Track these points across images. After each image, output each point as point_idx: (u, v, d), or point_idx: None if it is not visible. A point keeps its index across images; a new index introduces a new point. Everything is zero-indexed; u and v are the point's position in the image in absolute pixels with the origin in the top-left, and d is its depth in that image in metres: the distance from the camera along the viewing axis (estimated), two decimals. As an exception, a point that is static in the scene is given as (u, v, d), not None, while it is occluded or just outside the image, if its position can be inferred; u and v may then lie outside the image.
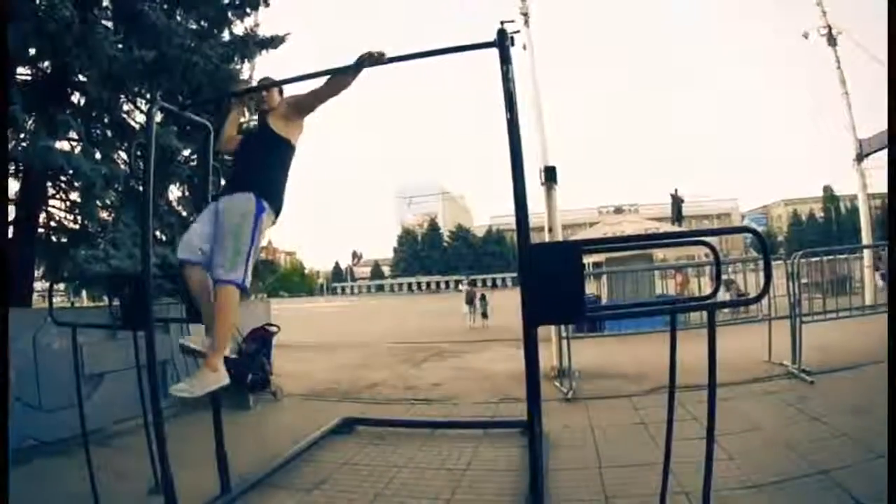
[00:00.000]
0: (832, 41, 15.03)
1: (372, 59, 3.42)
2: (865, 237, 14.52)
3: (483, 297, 22.09)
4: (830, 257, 10.06)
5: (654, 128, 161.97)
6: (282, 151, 3.74)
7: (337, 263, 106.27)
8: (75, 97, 7.24)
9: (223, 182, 4.94)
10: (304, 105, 3.74)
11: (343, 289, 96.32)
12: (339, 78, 3.53)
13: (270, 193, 3.58)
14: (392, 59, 3.57)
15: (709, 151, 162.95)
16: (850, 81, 14.90)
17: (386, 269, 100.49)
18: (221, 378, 3.27)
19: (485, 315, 20.93)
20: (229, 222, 3.43)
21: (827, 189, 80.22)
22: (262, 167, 3.64)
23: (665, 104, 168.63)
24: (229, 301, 3.35)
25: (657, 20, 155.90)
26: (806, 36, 15.56)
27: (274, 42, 8.49)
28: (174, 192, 8.16)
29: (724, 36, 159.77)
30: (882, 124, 12.56)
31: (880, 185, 14.54)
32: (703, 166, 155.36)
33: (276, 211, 3.66)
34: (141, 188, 5.24)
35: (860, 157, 14.44)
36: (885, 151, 11.87)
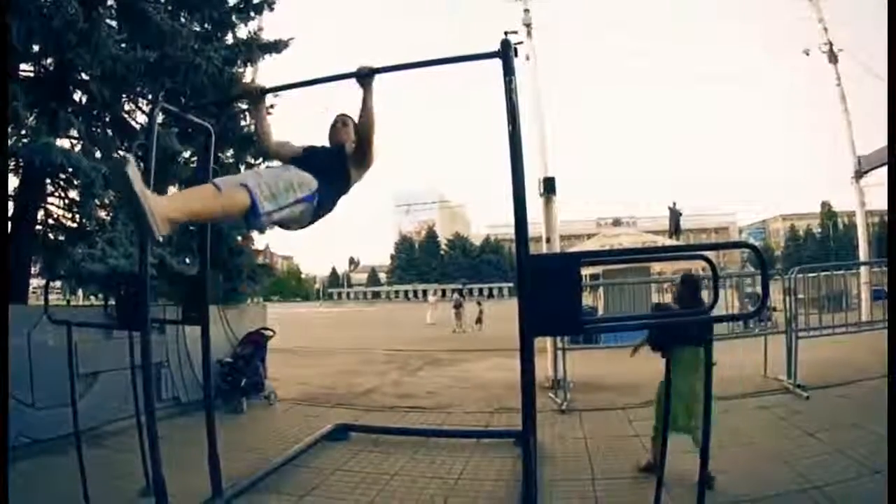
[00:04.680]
0: (833, 58, 15.11)
1: (364, 72, 3.42)
2: (863, 254, 14.57)
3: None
4: (827, 273, 10.08)
5: (654, 141, 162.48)
6: (338, 184, 3.58)
7: (334, 269, 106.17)
8: (77, 95, 7.23)
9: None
10: (369, 158, 3.61)
11: (339, 294, 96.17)
12: (365, 112, 3.49)
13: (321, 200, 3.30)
14: (396, 68, 3.58)
15: (708, 165, 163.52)
16: (850, 98, 14.99)
17: (382, 276, 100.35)
18: (152, 213, 2.37)
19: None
20: (288, 171, 3.21)
21: (825, 205, 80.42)
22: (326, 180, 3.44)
23: (665, 118, 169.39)
24: (208, 188, 2.90)
25: (659, 36, 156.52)
26: (807, 53, 15.66)
27: (277, 46, 8.51)
28: (170, 189, 8.15)
29: (725, 51, 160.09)
30: (881, 141, 12.63)
31: (878, 201, 14.62)
32: (701, 180, 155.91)
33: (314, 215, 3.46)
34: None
35: (859, 174, 14.50)
36: (884, 168, 11.95)
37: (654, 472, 3.76)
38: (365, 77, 3.46)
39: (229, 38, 8.31)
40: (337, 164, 3.51)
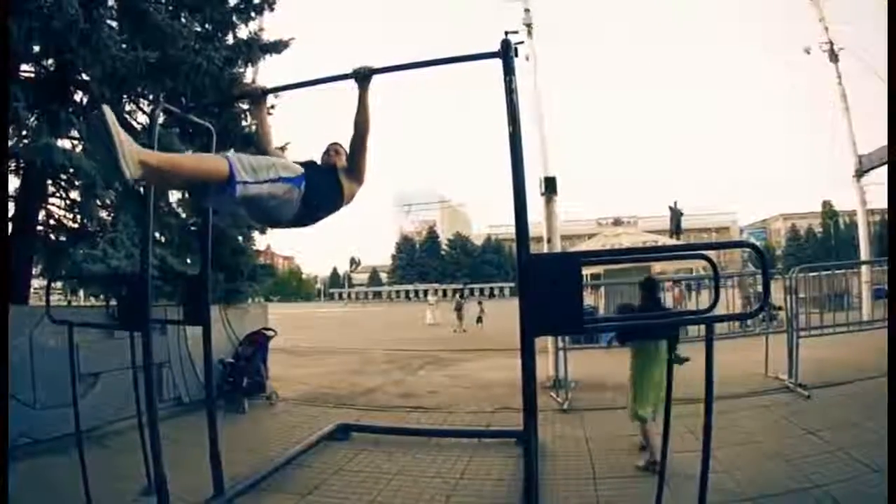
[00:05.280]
0: (834, 57, 15.08)
1: (363, 73, 3.43)
2: (864, 253, 14.53)
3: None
4: (828, 272, 10.07)
5: (655, 140, 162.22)
6: (332, 194, 3.59)
7: (335, 269, 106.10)
8: (78, 96, 7.23)
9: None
10: (353, 156, 3.60)
11: (340, 295, 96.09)
12: (362, 112, 3.49)
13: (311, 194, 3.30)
14: (397, 68, 3.59)
15: (709, 165, 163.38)
16: (850, 97, 14.96)
17: (384, 276, 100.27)
18: (124, 152, 2.43)
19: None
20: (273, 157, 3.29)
21: (826, 204, 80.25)
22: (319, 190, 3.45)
23: (666, 117, 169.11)
24: (199, 155, 3.01)
25: (659, 35, 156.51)
26: (808, 51, 15.62)
27: (278, 47, 8.51)
28: (174, 194, 8.15)
29: (726, 51, 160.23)
30: (882, 140, 12.62)
31: (879, 200, 14.59)
32: (702, 179, 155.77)
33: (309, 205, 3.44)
34: (141, 189, 5.25)
35: (860, 173, 14.47)
36: (885, 167, 11.94)
37: (653, 469, 4.23)
38: (364, 77, 3.47)
39: (230, 39, 8.30)
40: (330, 178, 3.51)
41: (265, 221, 3.49)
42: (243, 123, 8.31)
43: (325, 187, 3.41)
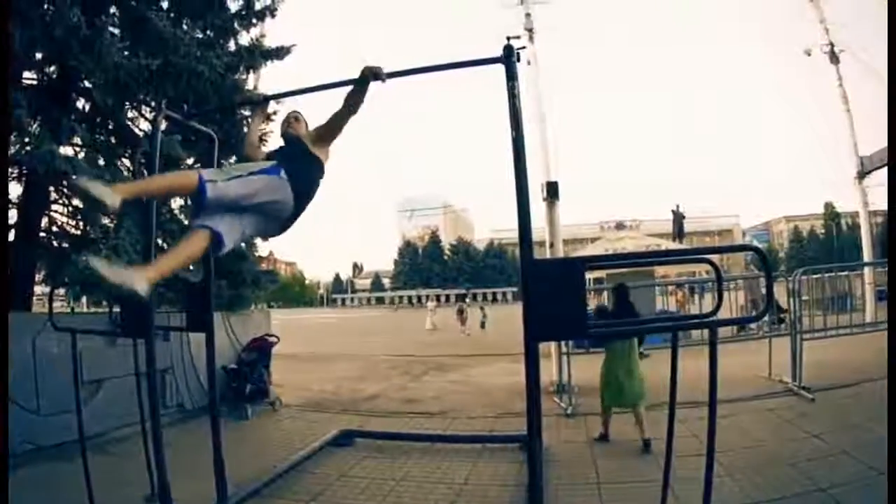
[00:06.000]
0: (834, 59, 15.08)
1: (374, 74, 3.43)
2: (867, 254, 14.50)
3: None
4: (831, 274, 10.05)
5: (657, 144, 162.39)
6: (313, 168, 3.64)
7: (337, 275, 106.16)
8: (80, 103, 7.26)
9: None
10: (331, 129, 3.67)
11: (343, 300, 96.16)
12: (353, 96, 3.52)
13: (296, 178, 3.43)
14: (399, 74, 3.59)
15: (711, 168, 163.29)
16: (852, 99, 14.95)
17: (386, 282, 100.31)
18: (141, 282, 2.67)
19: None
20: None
21: (828, 206, 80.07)
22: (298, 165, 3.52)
23: (668, 120, 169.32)
24: (180, 173, 3.29)
25: (660, 38, 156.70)
26: (808, 53, 15.62)
27: (280, 53, 8.51)
28: (176, 200, 8.16)
29: (728, 54, 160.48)
30: (883, 142, 12.59)
31: (882, 201, 14.55)
32: (704, 182, 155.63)
33: (291, 213, 3.50)
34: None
35: (862, 175, 14.44)
36: (886, 168, 11.91)
37: (603, 440, 5.58)
38: (366, 82, 3.47)
39: (231, 45, 8.32)
40: (303, 151, 3.56)
41: (275, 228, 3.50)
42: (245, 130, 8.31)
43: (304, 164, 3.49)
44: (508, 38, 3.43)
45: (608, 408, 5.70)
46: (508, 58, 3.28)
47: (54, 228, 7.49)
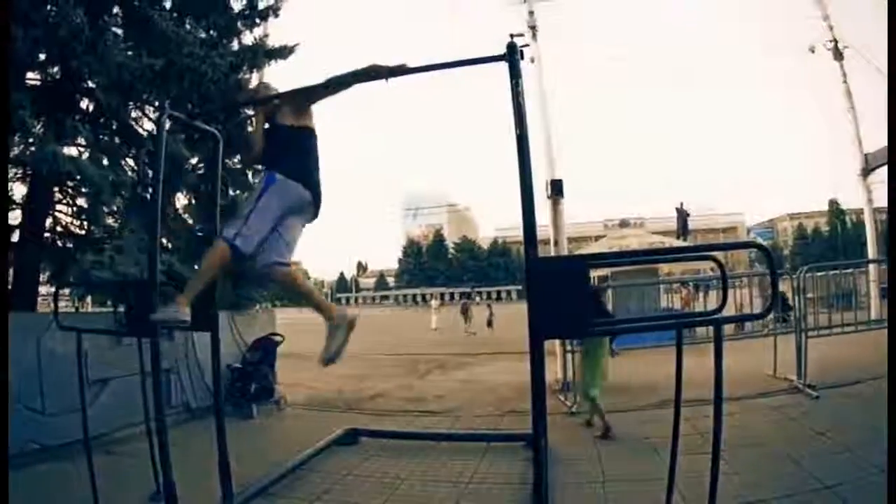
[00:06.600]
0: (838, 55, 15.02)
1: (378, 72, 3.45)
2: (871, 251, 14.44)
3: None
4: (836, 272, 10.01)
5: (661, 141, 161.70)
6: (299, 138, 3.69)
7: (342, 274, 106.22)
8: (84, 103, 7.27)
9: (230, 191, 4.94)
10: (312, 93, 3.74)
11: (347, 299, 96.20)
12: (348, 79, 3.56)
13: (291, 171, 3.54)
14: (403, 72, 3.58)
15: (715, 165, 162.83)
16: (856, 95, 14.90)
17: (391, 280, 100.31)
18: (182, 315, 3.26)
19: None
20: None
21: (833, 203, 79.80)
22: (282, 157, 3.62)
23: (672, 118, 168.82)
24: (209, 252, 3.42)
25: (664, 35, 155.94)
26: (812, 50, 15.56)
27: (283, 52, 8.52)
28: (181, 199, 8.18)
29: (731, 51, 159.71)
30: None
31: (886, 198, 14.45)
32: (708, 180, 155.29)
33: (308, 188, 3.59)
34: (148, 195, 5.26)
35: (866, 171, 14.39)
36: (887, 168, 11.86)
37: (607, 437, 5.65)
38: (377, 77, 3.50)
39: (235, 45, 8.32)
40: (282, 135, 3.71)
41: (309, 216, 3.74)
42: (250, 129, 8.32)
43: (293, 146, 3.65)
44: (512, 36, 3.43)
45: (592, 398, 6.01)
46: (512, 56, 3.28)
47: (58, 228, 7.50)
